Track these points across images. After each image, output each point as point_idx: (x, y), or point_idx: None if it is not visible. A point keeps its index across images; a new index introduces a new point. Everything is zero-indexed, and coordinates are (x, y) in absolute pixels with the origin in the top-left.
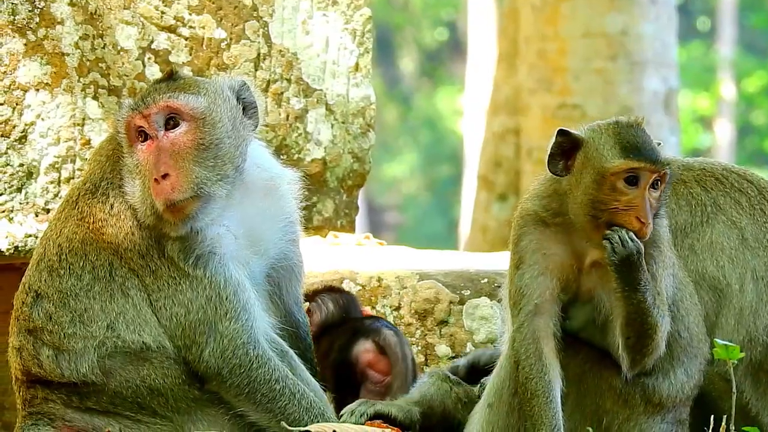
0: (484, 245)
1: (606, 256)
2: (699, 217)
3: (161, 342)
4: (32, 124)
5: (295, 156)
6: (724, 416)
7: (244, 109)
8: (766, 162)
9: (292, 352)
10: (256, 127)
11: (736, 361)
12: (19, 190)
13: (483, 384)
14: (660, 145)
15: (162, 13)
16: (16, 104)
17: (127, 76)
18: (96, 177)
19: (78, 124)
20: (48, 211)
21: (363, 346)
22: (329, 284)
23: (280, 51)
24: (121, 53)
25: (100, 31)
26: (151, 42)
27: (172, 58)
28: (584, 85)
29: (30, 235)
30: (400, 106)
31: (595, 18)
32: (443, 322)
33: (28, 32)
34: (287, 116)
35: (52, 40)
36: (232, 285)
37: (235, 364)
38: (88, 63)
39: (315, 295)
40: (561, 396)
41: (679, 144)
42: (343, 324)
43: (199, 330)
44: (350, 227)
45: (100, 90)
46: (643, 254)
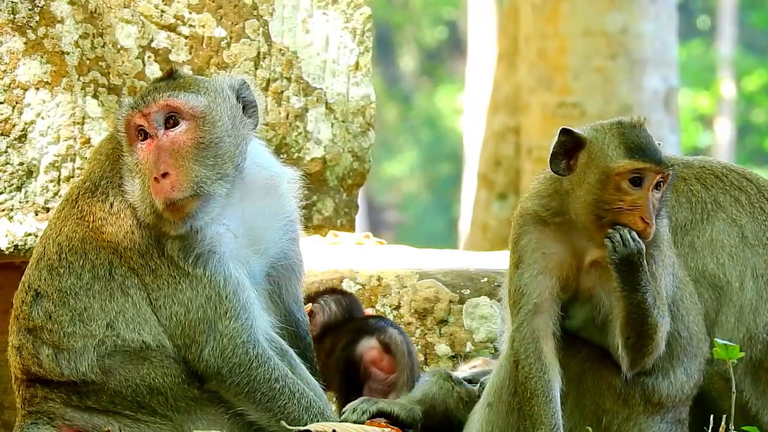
0: (484, 244)
1: (607, 255)
2: (699, 215)
3: (161, 341)
4: (32, 122)
5: (295, 155)
6: (724, 415)
7: (244, 107)
8: (767, 161)
9: (291, 351)
10: (256, 125)
11: (735, 361)
12: (18, 188)
13: (483, 383)
14: (660, 144)
15: (162, 11)
16: (16, 103)
17: (126, 74)
18: (96, 176)
19: (78, 123)
20: (48, 209)
21: (368, 343)
22: (332, 286)
23: (280, 50)
24: (121, 52)
25: (100, 30)
26: (151, 41)
27: (172, 57)
28: (584, 84)
29: (30, 234)
30: (400, 105)
31: (595, 17)
32: (443, 322)
33: (28, 31)
34: (287, 115)
35: (52, 38)
36: (232, 284)
37: (235, 363)
38: (87, 62)
39: (318, 296)
40: (560, 395)
41: (679, 143)
42: (346, 324)
43: (198, 329)
44: (350, 226)
45: (99, 89)
46: (644, 254)
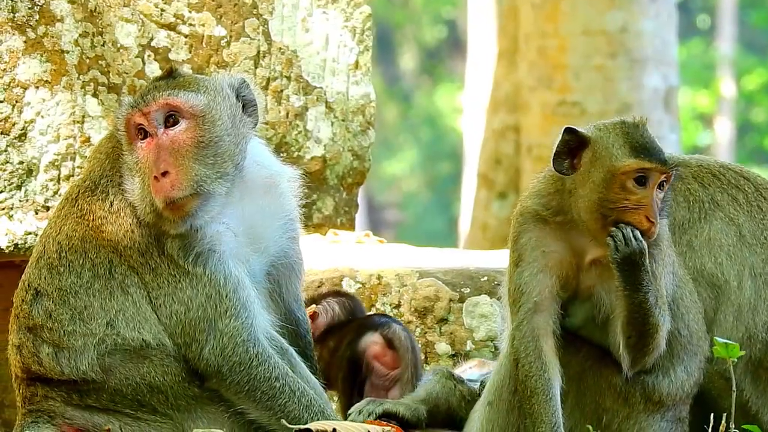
0: (484, 243)
1: (609, 253)
2: (697, 214)
3: (161, 339)
4: (32, 121)
5: (295, 154)
6: (724, 414)
7: (243, 106)
8: (766, 160)
9: (292, 350)
10: (255, 124)
11: (735, 359)
12: (18, 187)
13: (484, 382)
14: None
15: (162, 10)
16: (16, 102)
17: (126, 73)
18: (96, 175)
19: (78, 122)
20: (48, 208)
21: (371, 338)
22: (334, 288)
23: (280, 49)
24: (120, 51)
25: (100, 29)
26: (151, 39)
27: (171, 56)
28: (584, 83)
29: (30, 233)
30: (400, 104)
31: (595, 15)
32: (443, 320)
33: (27, 30)
34: (287, 114)
35: (52, 37)
36: (232, 282)
37: (235, 362)
38: (87, 60)
39: (321, 298)
40: (561, 394)
41: (678, 142)
42: (350, 323)
43: (198, 327)
44: (350, 225)
45: (99, 87)
46: (646, 253)
